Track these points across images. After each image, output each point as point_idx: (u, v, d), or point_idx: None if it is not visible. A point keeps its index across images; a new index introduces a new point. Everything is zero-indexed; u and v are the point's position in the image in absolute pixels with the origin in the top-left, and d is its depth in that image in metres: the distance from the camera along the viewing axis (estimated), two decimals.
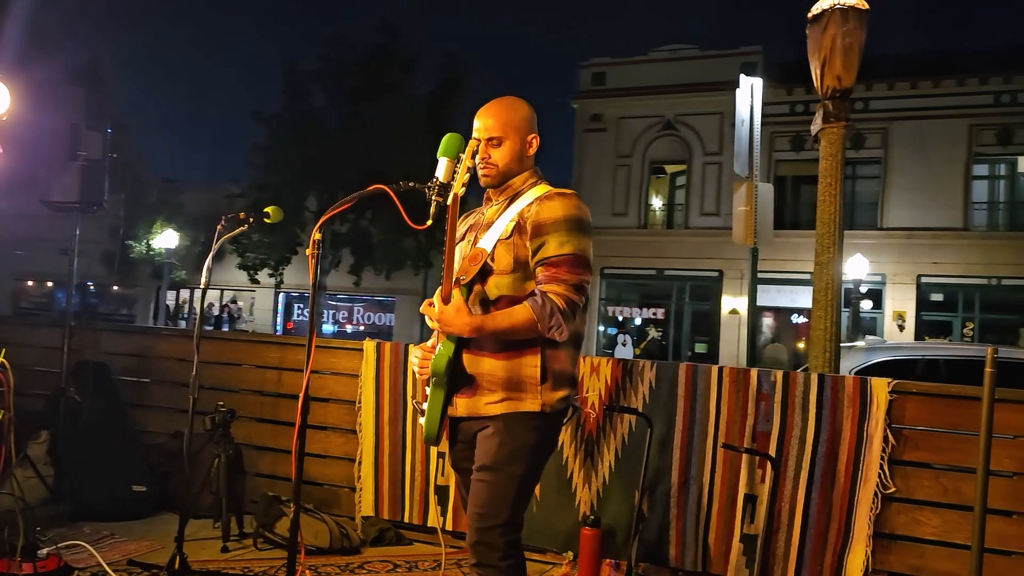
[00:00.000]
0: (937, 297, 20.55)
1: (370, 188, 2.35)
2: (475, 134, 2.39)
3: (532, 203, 2.28)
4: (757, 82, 6.42)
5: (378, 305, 26.20)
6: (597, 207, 23.59)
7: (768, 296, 21.61)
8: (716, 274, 22.45)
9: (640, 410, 3.72)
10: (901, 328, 20.15)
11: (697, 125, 23.00)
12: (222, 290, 27.14)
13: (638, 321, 23.82)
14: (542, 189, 2.34)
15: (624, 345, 22.34)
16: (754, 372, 3.60)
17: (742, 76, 6.49)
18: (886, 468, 3.34)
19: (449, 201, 2.17)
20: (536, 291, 2.22)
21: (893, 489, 3.34)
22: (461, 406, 2.30)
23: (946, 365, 6.83)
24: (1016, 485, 3.24)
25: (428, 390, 2.33)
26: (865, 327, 20.04)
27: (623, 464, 3.78)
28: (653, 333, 23.34)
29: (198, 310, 3.57)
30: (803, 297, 21.69)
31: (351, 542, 3.99)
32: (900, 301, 20.49)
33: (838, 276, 5.61)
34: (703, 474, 3.64)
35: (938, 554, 3.31)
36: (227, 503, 3.96)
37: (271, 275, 21.65)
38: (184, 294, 28.48)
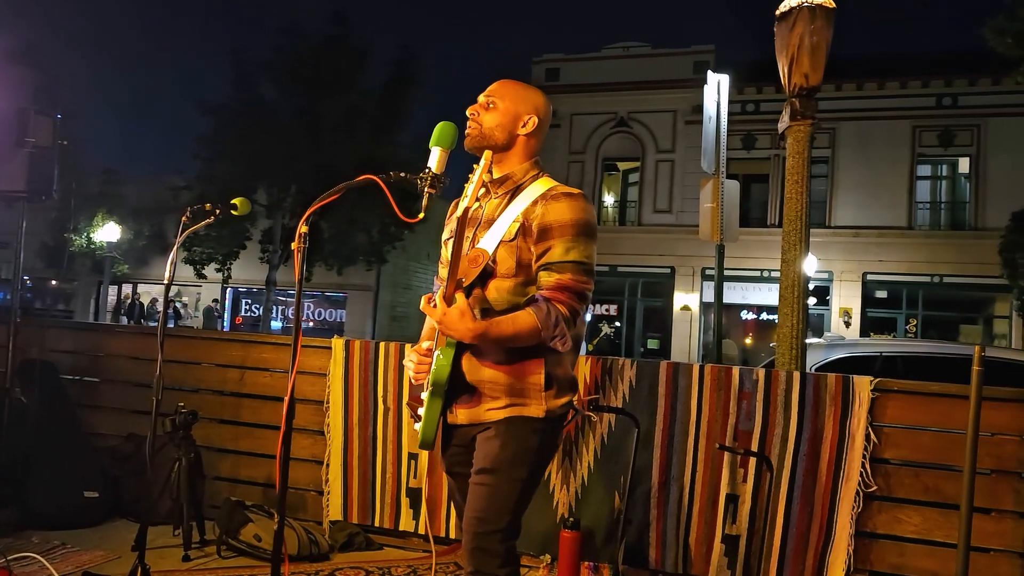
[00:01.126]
0: (882, 294, 21.05)
1: (359, 179, 2.21)
2: (478, 97, 2.30)
3: (537, 201, 2.17)
4: (724, 78, 6.41)
5: (328, 301, 25.79)
6: None
7: None
8: (668, 271, 22.66)
9: (620, 408, 3.65)
10: (847, 324, 20.59)
11: (650, 122, 23.16)
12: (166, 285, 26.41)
13: (589, 317, 23.89)
14: (545, 184, 2.23)
15: None
16: (736, 370, 3.55)
17: (709, 72, 6.48)
18: (868, 467, 3.33)
19: (459, 213, 2.03)
20: (539, 298, 2.11)
21: (875, 488, 3.32)
22: (462, 415, 2.19)
23: (903, 361, 6.93)
24: (994, 483, 3.25)
25: (424, 396, 2.21)
26: (813, 323, 20.41)
27: (602, 464, 3.71)
28: (606, 329, 23.45)
29: (161, 305, 3.37)
30: (752, 294, 22.05)
31: (320, 548, 3.84)
32: (846, 298, 20.94)
33: (804, 273, 5.63)
34: (684, 474, 3.59)
35: (918, 552, 3.31)
36: (188, 509, 3.77)
37: (218, 270, 21.14)
38: (127, 289, 27.63)
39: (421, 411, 2.27)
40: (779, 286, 5.67)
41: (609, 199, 24.64)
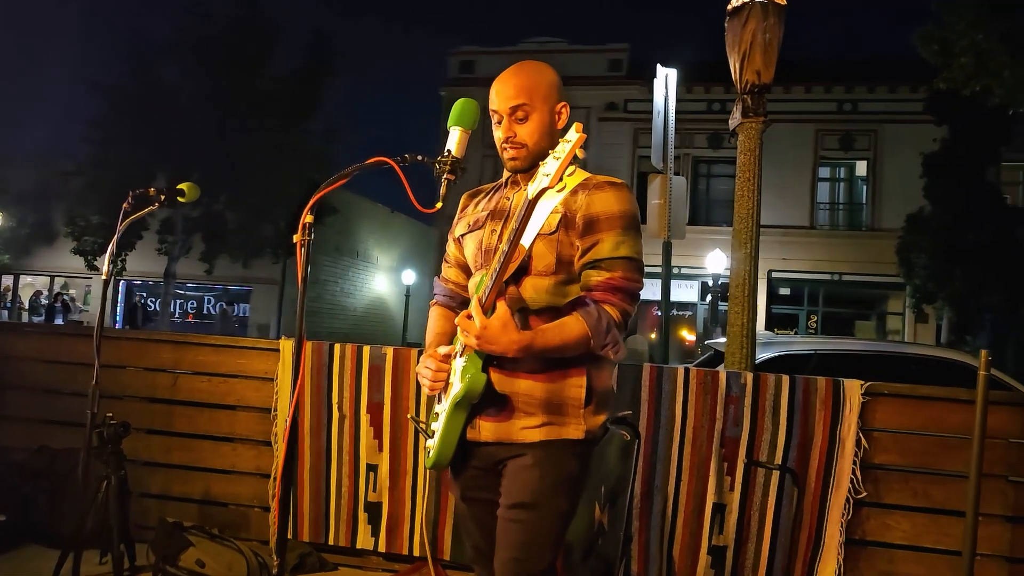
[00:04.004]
0: (785, 291, 21.75)
1: (370, 160, 1.92)
2: (493, 106, 2.01)
3: (577, 191, 1.93)
4: (672, 73, 6.31)
5: (231, 295, 24.70)
6: (461, 198, 23.31)
7: None
8: None
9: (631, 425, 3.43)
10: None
11: None
12: (52, 276, 24.76)
13: None
14: (581, 173, 1.98)
15: None
16: (723, 374, 3.40)
17: (658, 66, 6.37)
18: (858, 472, 3.24)
19: (531, 195, 1.74)
20: (588, 301, 1.87)
21: (864, 494, 3.23)
22: (487, 430, 1.92)
23: (837, 360, 7.01)
24: (981, 486, 3.20)
25: (444, 408, 1.93)
26: (720, 320, 20.86)
27: None
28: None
29: (99, 302, 2.95)
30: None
31: (270, 572, 3.48)
32: None
33: (755, 271, 5.58)
34: (668, 484, 3.41)
35: (907, 558, 3.25)
36: (119, 533, 3.34)
37: (112, 261, 19.83)
38: (7, 280, 25.70)
39: (435, 426, 1.99)
40: (730, 284, 5.62)
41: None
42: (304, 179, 19.81)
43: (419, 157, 1.92)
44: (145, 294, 24.93)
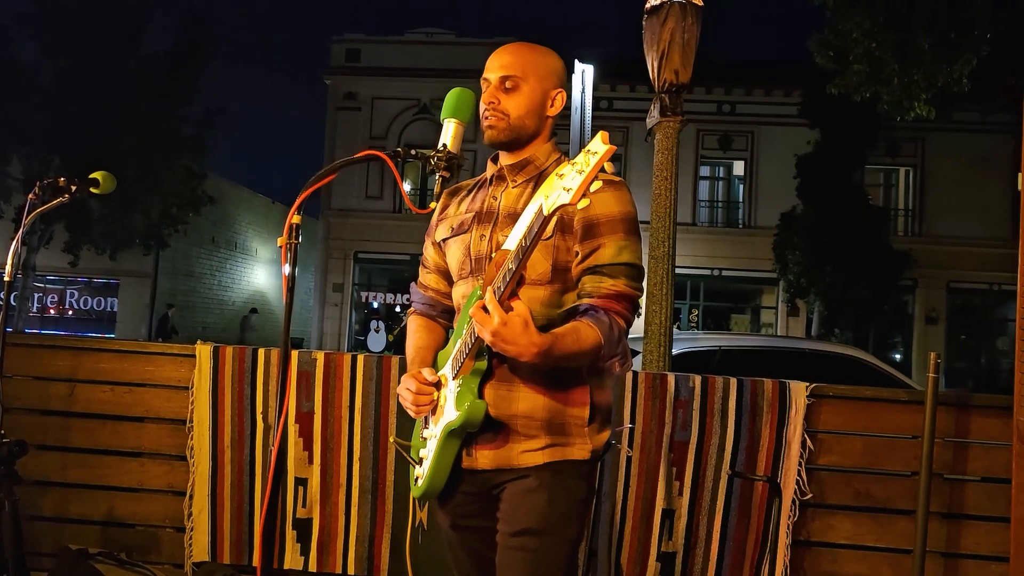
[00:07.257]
0: None
1: (361, 154, 1.72)
2: (485, 73, 1.85)
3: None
4: (588, 68, 6.27)
5: (96, 288, 23.08)
6: (350, 188, 22.74)
7: None
8: None
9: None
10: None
11: None
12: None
13: (395, 307, 23.34)
14: None
15: (377, 331, 21.83)
16: (671, 377, 3.35)
17: (576, 61, 6.31)
18: (803, 474, 3.26)
19: (548, 211, 1.51)
20: (596, 308, 1.73)
21: (810, 495, 3.26)
22: (484, 458, 1.76)
23: (740, 355, 7.21)
24: (917, 484, 3.28)
25: (433, 433, 1.75)
26: None
27: None
28: (407, 319, 22.99)
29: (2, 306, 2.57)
30: None
31: None
32: None
33: (672, 269, 5.64)
34: (616, 490, 3.33)
35: (850, 557, 3.30)
36: (15, 564, 2.95)
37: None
38: None
39: (424, 452, 1.81)
40: (646, 283, 5.64)
41: (407, 186, 24.19)
42: (177, 167, 18.75)
43: (413, 151, 1.73)
44: None
